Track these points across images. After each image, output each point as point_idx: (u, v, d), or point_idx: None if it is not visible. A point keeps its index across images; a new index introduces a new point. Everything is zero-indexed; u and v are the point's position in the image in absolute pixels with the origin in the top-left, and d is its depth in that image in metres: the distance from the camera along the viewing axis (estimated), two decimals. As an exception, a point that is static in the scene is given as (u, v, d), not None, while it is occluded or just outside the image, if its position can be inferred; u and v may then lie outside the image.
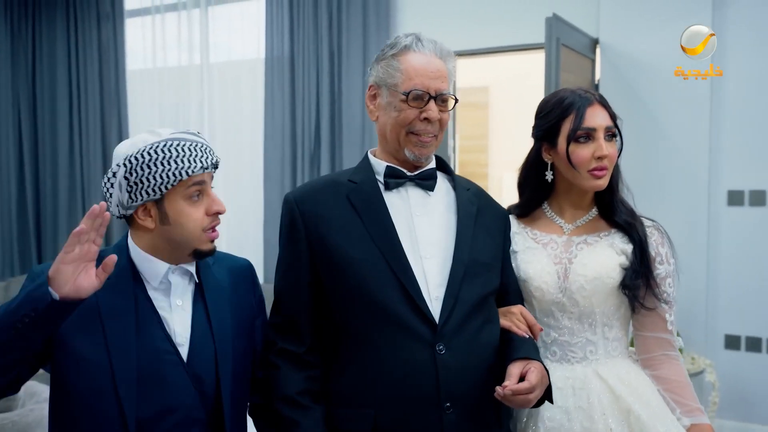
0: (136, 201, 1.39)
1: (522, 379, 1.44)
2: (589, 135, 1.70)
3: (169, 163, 1.37)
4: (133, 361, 1.35)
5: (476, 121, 6.15)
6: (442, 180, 1.67)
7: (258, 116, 4.98)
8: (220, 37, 5.18)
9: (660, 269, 1.72)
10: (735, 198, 3.75)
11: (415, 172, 1.61)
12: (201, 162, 1.41)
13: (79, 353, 1.35)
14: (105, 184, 1.42)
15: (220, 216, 1.47)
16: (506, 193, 5.46)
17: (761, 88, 3.66)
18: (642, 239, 1.71)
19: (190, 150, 1.40)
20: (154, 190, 1.38)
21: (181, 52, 5.24)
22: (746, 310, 3.75)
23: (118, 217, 1.44)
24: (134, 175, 1.37)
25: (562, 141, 1.72)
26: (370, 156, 1.67)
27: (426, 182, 1.62)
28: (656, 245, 1.73)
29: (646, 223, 1.77)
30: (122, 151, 1.41)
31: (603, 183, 1.72)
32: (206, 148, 1.43)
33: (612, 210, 1.76)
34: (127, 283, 1.41)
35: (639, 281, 1.69)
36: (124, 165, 1.37)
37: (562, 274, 1.73)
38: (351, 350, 1.51)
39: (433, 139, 1.59)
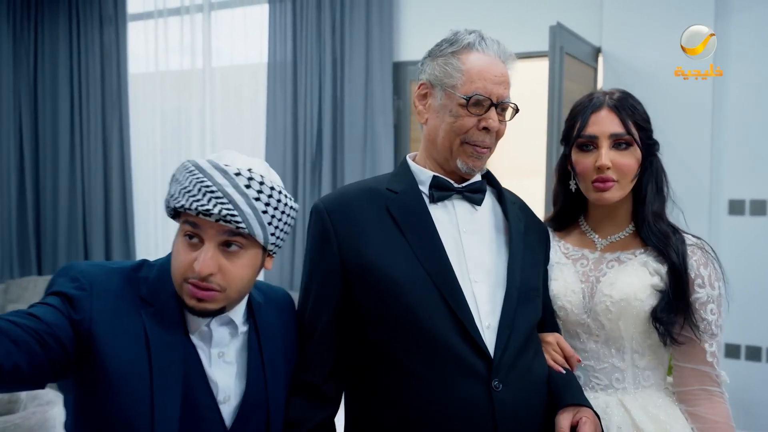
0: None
1: (573, 429, 1.32)
2: (592, 143, 1.56)
3: (173, 186, 1.25)
4: (176, 405, 1.16)
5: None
6: (487, 193, 1.50)
7: (260, 121, 4.98)
8: (222, 42, 5.19)
9: (700, 293, 1.52)
10: (736, 207, 3.76)
11: (463, 184, 1.44)
12: (187, 201, 1.21)
13: (120, 377, 1.14)
14: None
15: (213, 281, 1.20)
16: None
17: (763, 98, 3.68)
18: (677, 262, 1.52)
19: (191, 184, 1.21)
20: (167, 204, 1.27)
21: (184, 56, 5.24)
22: (746, 319, 3.76)
23: None
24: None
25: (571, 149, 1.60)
26: (411, 162, 1.48)
27: (474, 195, 1.44)
28: (697, 266, 1.53)
29: (689, 240, 1.57)
30: None
31: (608, 197, 1.56)
32: (208, 192, 1.19)
33: (641, 226, 1.59)
34: (173, 315, 1.22)
35: (673, 315, 1.50)
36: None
37: (587, 294, 1.58)
38: (391, 384, 1.32)
39: (488, 151, 1.42)
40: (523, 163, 4.78)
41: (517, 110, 1.45)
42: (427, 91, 1.45)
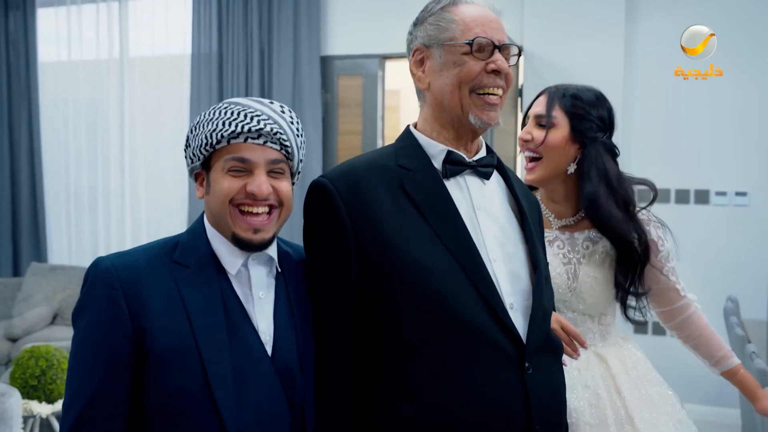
0: (190, 163, 1.31)
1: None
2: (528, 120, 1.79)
3: (209, 125, 1.24)
4: (226, 363, 1.19)
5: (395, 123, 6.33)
6: None
7: (183, 113, 4.90)
8: (142, 31, 5.05)
9: (662, 250, 1.77)
10: (642, 196, 4.11)
11: (475, 158, 1.37)
12: (236, 126, 1.21)
13: (167, 359, 1.18)
14: None
15: (262, 209, 1.25)
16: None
17: (667, 96, 4.06)
18: (638, 251, 1.71)
19: (233, 114, 1.23)
20: (194, 153, 1.27)
21: (100, 45, 5.07)
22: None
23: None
24: (190, 135, 1.28)
25: None
26: (418, 134, 1.38)
27: (485, 170, 1.37)
28: (655, 230, 1.78)
29: (643, 217, 1.81)
30: None
31: (529, 178, 1.73)
32: (255, 116, 1.23)
33: (597, 221, 1.73)
34: (210, 273, 1.24)
35: (629, 276, 1.73)
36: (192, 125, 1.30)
37: (571, 274, 1.72)
38: (417, 375, 1.25)
39: (500, 99, 1.33)
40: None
41: (520, 53, 1.38)
42: (423, 55, 1.36)
